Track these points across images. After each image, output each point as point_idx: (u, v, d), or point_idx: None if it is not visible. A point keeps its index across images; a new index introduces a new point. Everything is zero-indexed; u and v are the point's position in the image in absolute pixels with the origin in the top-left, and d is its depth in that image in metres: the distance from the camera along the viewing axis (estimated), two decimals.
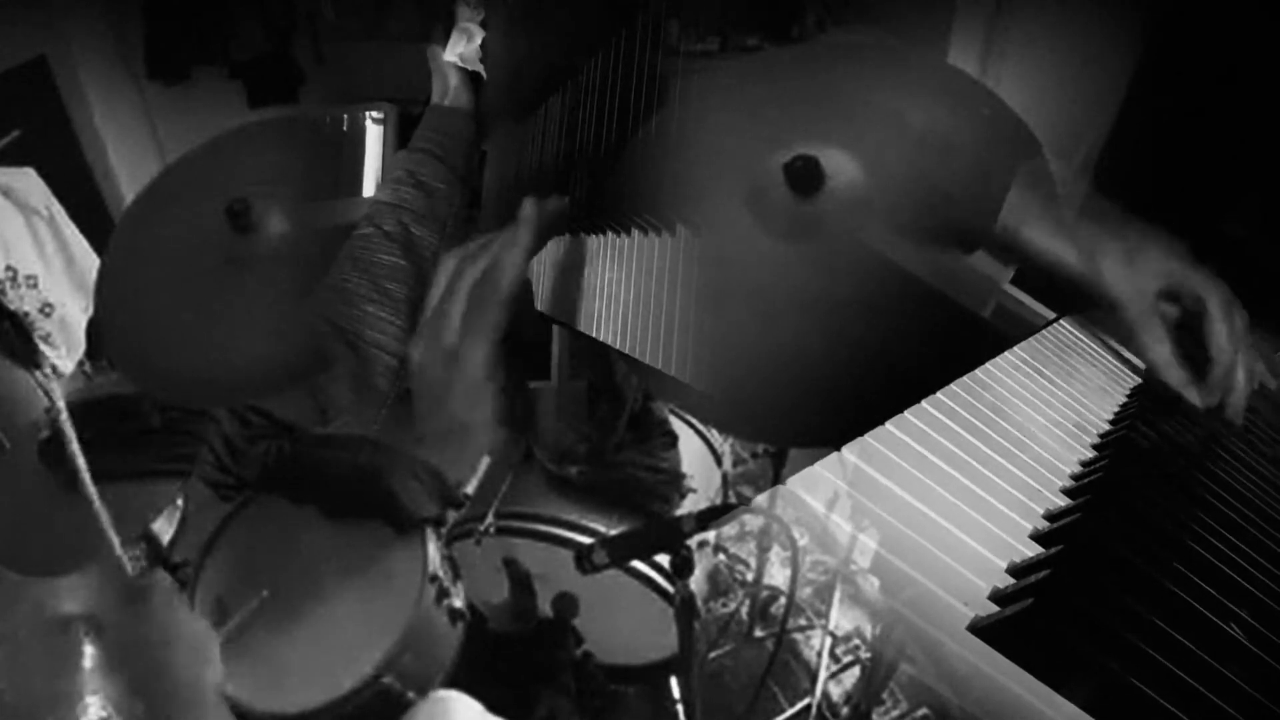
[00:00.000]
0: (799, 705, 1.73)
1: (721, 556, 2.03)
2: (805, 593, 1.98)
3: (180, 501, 1.57)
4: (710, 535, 1.66)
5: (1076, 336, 0.62)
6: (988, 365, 0.47)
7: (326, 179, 0.86)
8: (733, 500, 1.78)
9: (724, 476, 1.74)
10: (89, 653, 1.16)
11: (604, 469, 1.47)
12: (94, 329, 1.76)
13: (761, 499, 1.76)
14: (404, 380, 0.80)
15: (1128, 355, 0.60)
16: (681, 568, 1.09)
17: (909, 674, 1.61)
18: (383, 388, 0.78)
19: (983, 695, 0.29)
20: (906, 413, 0.38)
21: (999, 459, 0.39)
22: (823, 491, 0.35)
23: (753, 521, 1.99)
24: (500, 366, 0.62)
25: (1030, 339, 0.53)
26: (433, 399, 0.64)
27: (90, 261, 1.81)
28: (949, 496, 0.34)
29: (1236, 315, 0.56)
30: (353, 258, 0.78)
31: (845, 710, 1.75)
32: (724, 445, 1.76)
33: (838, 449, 0.35)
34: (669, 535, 1.09)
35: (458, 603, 1.40)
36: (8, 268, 1.67)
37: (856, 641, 1.89)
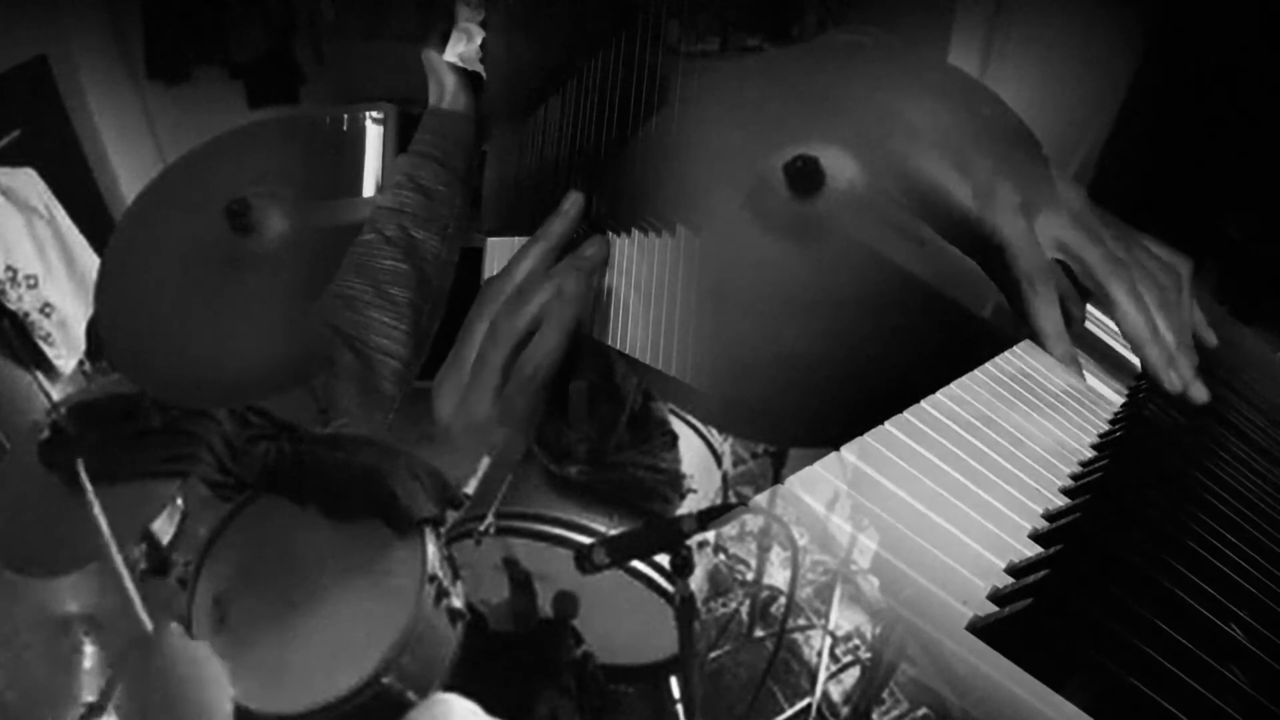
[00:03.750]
0: (799, 705, 1.73)
1: (721, 556, 2.03)
2: (805, 593, 1.98)
3: (180, 501, 1.57)
4: (710, 535, 1.66)
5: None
6: (987, 365, 0.47)
7: (326, 179, 0.86)
8: (733, 500, 1.78)
9: (724, 476, 1.75)
10: (89, 652, 1.17)
11: (604, 469, 1.47)
12: (94, 329, 1.76)
13: (761, 499, 1.76)
14: (409, 383, 0.80)
15: (1127, 356, 0.60)
16: (681, 568, 1.09)
17: (909, 674, 1.61)
18: (389, 391, 0.78)
19: (983, 695, 0.29)
20: (906, 413, 0.38)
21: (999, 459, 0.39)
22: (823, 491, 0.35)
23: (753, 521, 1.99)
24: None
25: (1030, 339, 0.53)
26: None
27: (90, 261, 1.81)
28: (948, 496, 0.34)
29: (1149, 295, 0.53)
30: (354, 264, 0.78)
31: (845, 710, 1.75)
32: (724, 445, 1.76)
33: (837, 449, 0.35)
34: (669, 535, 1.09)
35: (457, 603, 1.41)
36: (8, 268, 1.67)
37: (856, 641, 1.89)
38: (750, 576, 1.97)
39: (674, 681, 1.57)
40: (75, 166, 2.10)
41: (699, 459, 1.66)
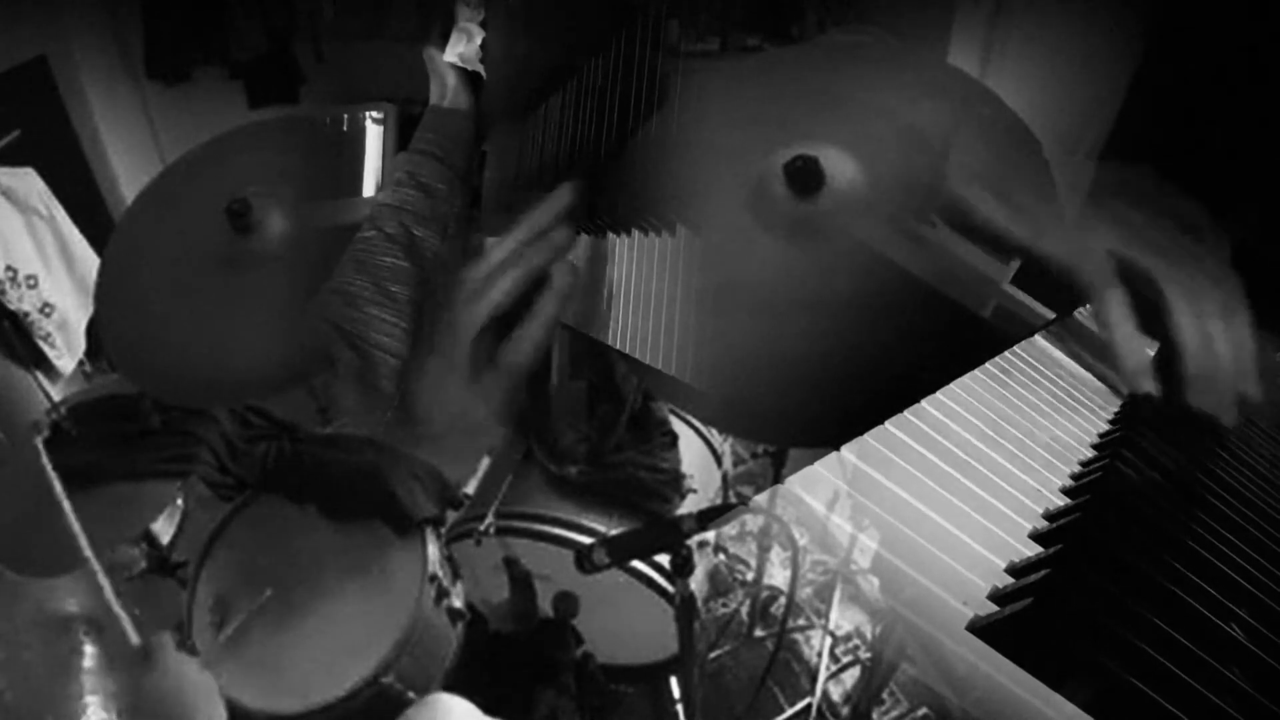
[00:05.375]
0: (799, 705, 1.73)
1: (721, 556, 2.03)
2: (805, 593, 1.98)
3: (180, 501, 1.57)
4: (710, 535, 1.66)
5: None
6: (987, 365, 0.47)
7: (326, 179, 0.86)
8: (733, 500, 1.78)
9: (724, 476, 1.75)
10: (89, 652, 1.17)
11: (604, 469, 1.47)
12: (94, 329, 1.76)
13: (761, 499, 1.76)
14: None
15: None
16: (681, 568, 1.09)
17: (909, 674, 1.61)
18: (387, 389, 0.78)
19: (983, 695, 0.29)
20: (906, 413, 0.38)
21: (999, 459, 0.39)
22: (823, 491, 0.35)
23: (753, 521, 1.99)
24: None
25: (1030, 339, 0.53)
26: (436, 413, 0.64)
27: (90, 261, 1.81)
28: (949, 496, 0.34)
29: (1209, 304, 0.52)
30: (355, 260, 0.78)
31: (845, 710, 1.75)
32: (724, 445, 1.76)
33: (837, 449, 0.35)
34: (669, 535, 1.09)
35: (457, 603, 1.40)
36: (8, 268, 1.67)
37: (856, 641, 1.89)
38: (750, 576, 1.97)
39: (674, 681, 1.57)
40: (75, 166, 2.10)
41: (699, 459, 1.66)
